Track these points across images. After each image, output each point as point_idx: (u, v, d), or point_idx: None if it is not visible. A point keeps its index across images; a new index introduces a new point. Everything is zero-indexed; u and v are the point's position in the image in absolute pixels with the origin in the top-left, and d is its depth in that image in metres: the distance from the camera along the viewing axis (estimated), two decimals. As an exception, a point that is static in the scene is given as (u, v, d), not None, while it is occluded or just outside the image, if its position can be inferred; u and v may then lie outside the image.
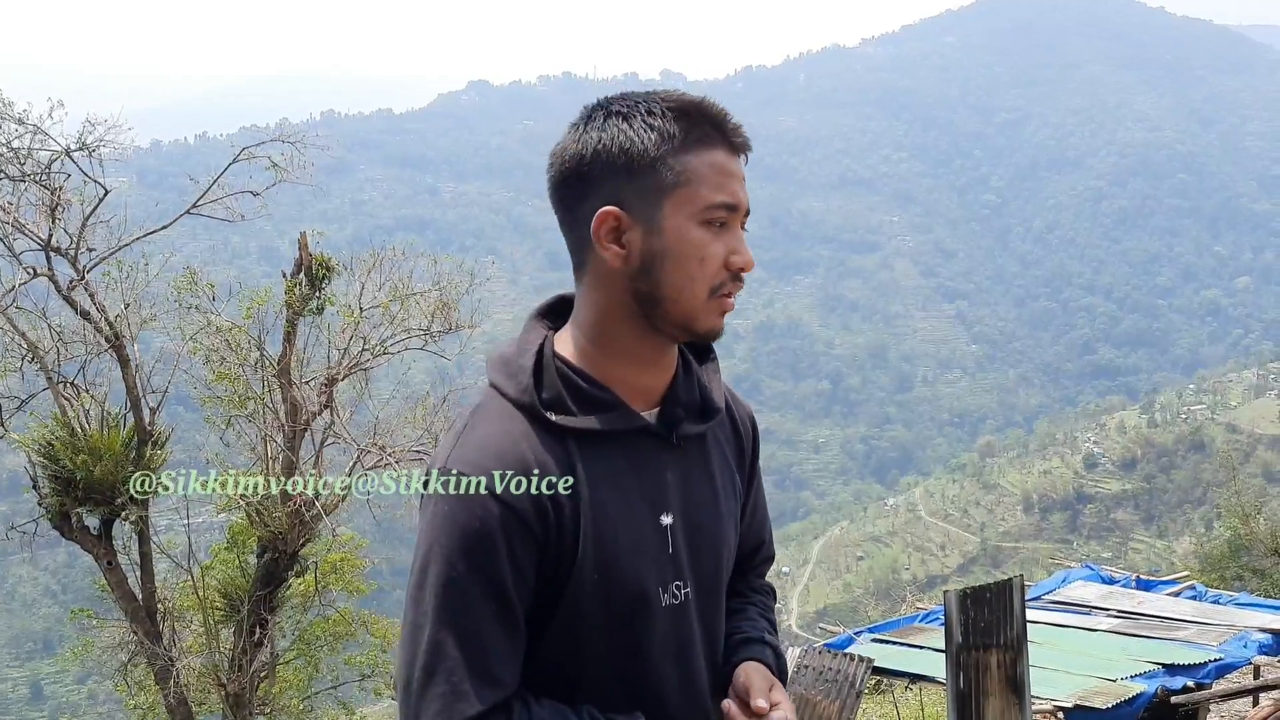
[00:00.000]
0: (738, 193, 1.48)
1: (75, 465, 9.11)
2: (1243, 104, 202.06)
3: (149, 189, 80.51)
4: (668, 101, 1.48)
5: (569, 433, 1.49)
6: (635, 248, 1.46)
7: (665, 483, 1.55)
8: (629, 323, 1.50)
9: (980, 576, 46.78)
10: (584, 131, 1.48)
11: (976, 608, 5.53)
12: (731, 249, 1.48)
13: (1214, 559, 18.42)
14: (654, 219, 1.45)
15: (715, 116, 1.49)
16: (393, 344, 10.72)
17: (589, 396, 1.51)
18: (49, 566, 51.36)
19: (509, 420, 1.49)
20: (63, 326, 9.82)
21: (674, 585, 1.55)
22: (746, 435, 1.73)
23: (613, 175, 1.46)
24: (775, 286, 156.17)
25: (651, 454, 1.55)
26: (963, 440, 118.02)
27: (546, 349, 1.54)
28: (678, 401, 1.57)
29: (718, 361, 1.71)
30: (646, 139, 1.45)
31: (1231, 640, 7.30)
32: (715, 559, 1.62)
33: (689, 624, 1.58)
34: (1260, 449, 73.51)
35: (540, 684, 1.48)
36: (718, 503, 1.62)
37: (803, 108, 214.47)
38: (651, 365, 1.55)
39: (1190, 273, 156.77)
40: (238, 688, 10.11)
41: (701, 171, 1.45)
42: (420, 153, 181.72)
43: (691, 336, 1.51)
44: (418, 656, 1.40)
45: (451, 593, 1.40)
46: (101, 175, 9.87)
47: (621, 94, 1.52)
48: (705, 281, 1.46)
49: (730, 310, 1.51)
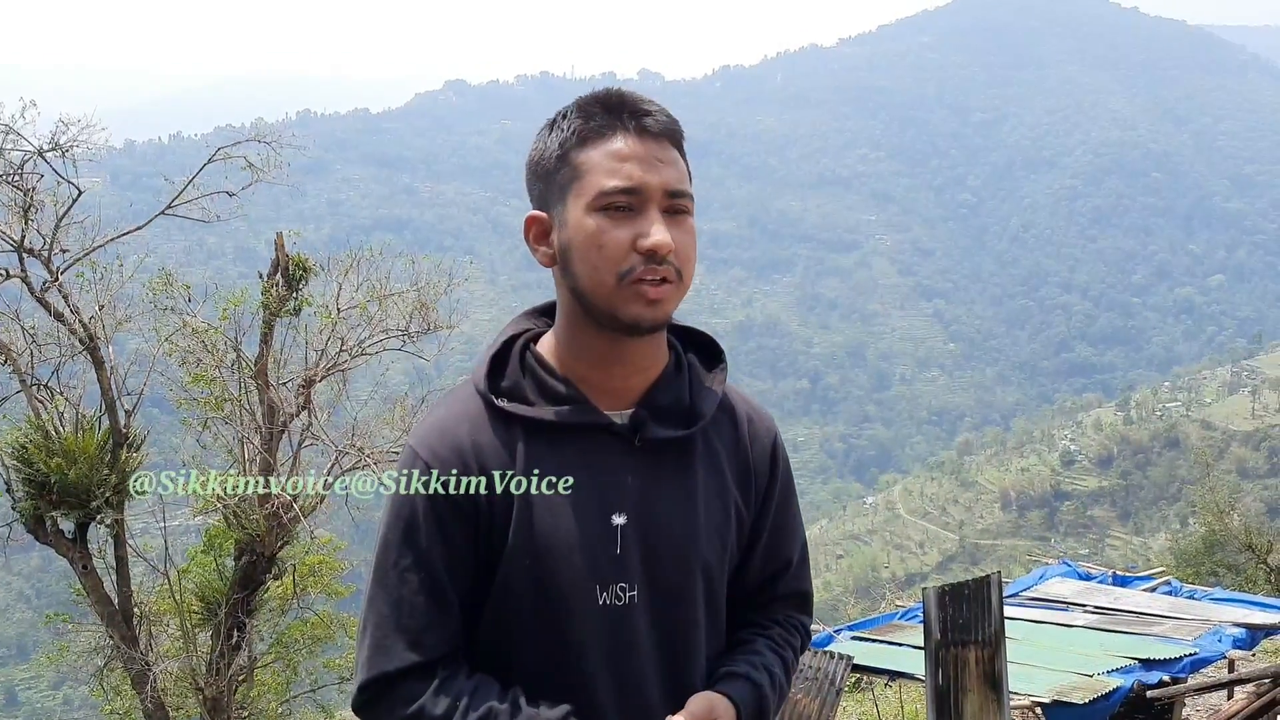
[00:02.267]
0: (636, 174, 1.44)
1: (50, 468, 9.02)
2: (1215, 104, 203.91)
3: (123, 189, 79.88)
4: (580, 101, 1.51)
5: (517, 421, 1.52)
6: (555, 246, 1.51)
7: (623, 483, 1.53)
8: (581, 321, 1.53)
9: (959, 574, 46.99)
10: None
11: (955, 605, 5.56)
12: (639, 232, 1.44)
13: (1189, 555, 18.58)
14: (562, 215, 1.50)
15: (614, 106, 1.48)
16: (371, 345, 10.67)
17: (549, 389, 1.53)
18: (23, 571, 50.81)
19: (466, 404, 1.55)
20: (36, 328, 9.73)
21: (617, 586, 1.52)
22: (757, 454, 1.66)
23: (535, 181, 1.54)
24: (754, 285, 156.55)
25: (611, 453, 1.53)
26: (941, 438, 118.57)
27: (520, 340, 1.59)
28: (652, 404, 1.55)
29: (725, 371, 1.66)
30: (552, 142, 1.51)
31: (1206, 635, 7.36)
32: (681, 568, 1.56)
33: (633, 628, 1.53)
34: (1234, 445, 74.28)
35: (481, 663, 1.53)
36: (693, 512, 1.57)
37: (780, 107, 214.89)
38: (617, 363, 1.54)
39: (1164, 271, 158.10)
40: (215, 691, 10.03)
41: (595, 161, 1.46)
42: (397, 153, 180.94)
43: (621, 328, 1.49)
44: (362, 613, 1.52)
45: (385, 561, 1.51)
46: (75, 176, 9.79)
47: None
48: (608, 268, 1.45)
49: (655, 297, 1.45)
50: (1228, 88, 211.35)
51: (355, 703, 1.53)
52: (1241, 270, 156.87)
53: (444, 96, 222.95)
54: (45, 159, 9.65)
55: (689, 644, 1.59)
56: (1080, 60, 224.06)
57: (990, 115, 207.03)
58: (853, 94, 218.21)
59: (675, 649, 1.58)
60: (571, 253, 1.48)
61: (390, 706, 1.48)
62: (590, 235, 1.45)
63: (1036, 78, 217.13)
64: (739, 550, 1.66)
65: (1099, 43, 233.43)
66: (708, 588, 1.60)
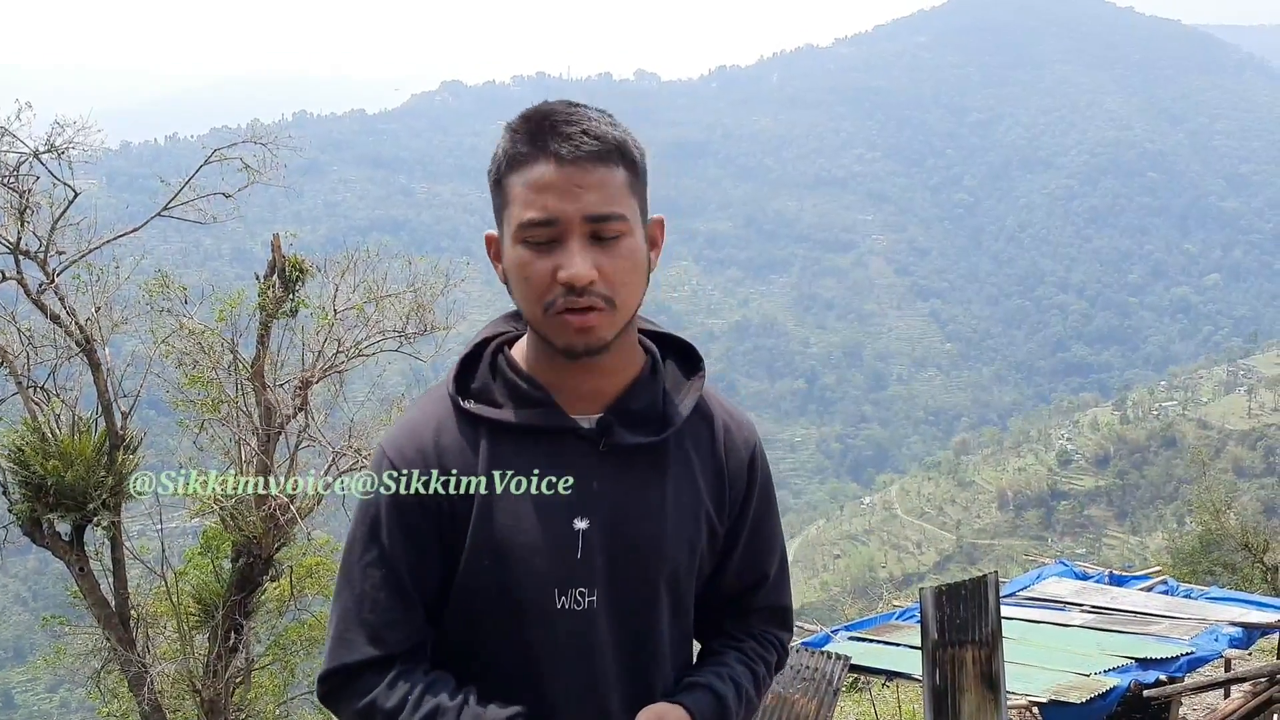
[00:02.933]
0: (552, 205, 1.41)
1: (46, 471, 9.01)
2: (1211, 103, 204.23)
3: (119, 191, 79.71)
4: (512, 122, 1.49)
5: (484, 423, 1.53)
6: (503, 266, 1.52)
7: (588, 488, 1.52)
8: (537, 334, 1.54)
9: (956, 574, 47.01)
10: None
11: (952, 605, 5.57)
12: (558, 263, 1.41)
13: (1186, 554, 18.59)
14: (501, 240, 1.51)
15: (537, 130, 1.44)
16: (367, 346, 10.66)
17: (518, 391, 1.54)
18: (19, 573, 50.72)
19: (435, 406, 1.57)
20: (32, 330, 9.71)
21: (577, 591, 1.51)
22: (733, 464, 1.64)
23: (491, 194, 1.53)
24: (750, 286, 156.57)
25: (579, 457, 1.52)
26: (938, 438, 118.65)
27: (494, 344, 1.60)
28: (622, 409, 1.54)
29: (703, 379, 1.64)
30: (493, 163, 1.50)
31: (1203, 634, 7.38)
32: (645, 575, 1.55)
33: (593, 633, 1.52)
34: (1231, 444, 74.41)
35: (445, 660, 1.55)
36: (660, 520, 1.55)
37: (777, 107, 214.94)
38: (581, 371, 1.52)
39: (1160, 270, 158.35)
40: (213, 694, 10.02)
41: (516, 191, 1.44)
42: (394, 153, 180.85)
43: (557, 352, 1.48)
44: (331, 605, 1.56)
45: (350, 557, 1.54)
46: (70, 177, 9.77)
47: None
48: (534, 299, 1.44)
49: (581, 326, 1.43)
50: (1223, 87, 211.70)
51: (318, 692, 1.57)
52: (1237, 269, 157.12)
53: (440, 97, 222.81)
54: (41, 161, 9.64)
55: (651, 651, 1.58)
56: (1076, 60, 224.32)
57: (986, 115, 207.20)
58: (849, 94, 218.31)
59: (636, 655, 1.57)
60: (509, 279, 1.49)
61: (348, 697, 1.51)
62: (517, 267, 1.45)
63: (1032, 77, 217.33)
64: (712, 560, 1.64)
65: (1095, 42, 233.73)
66: (672, 596, 1.59)
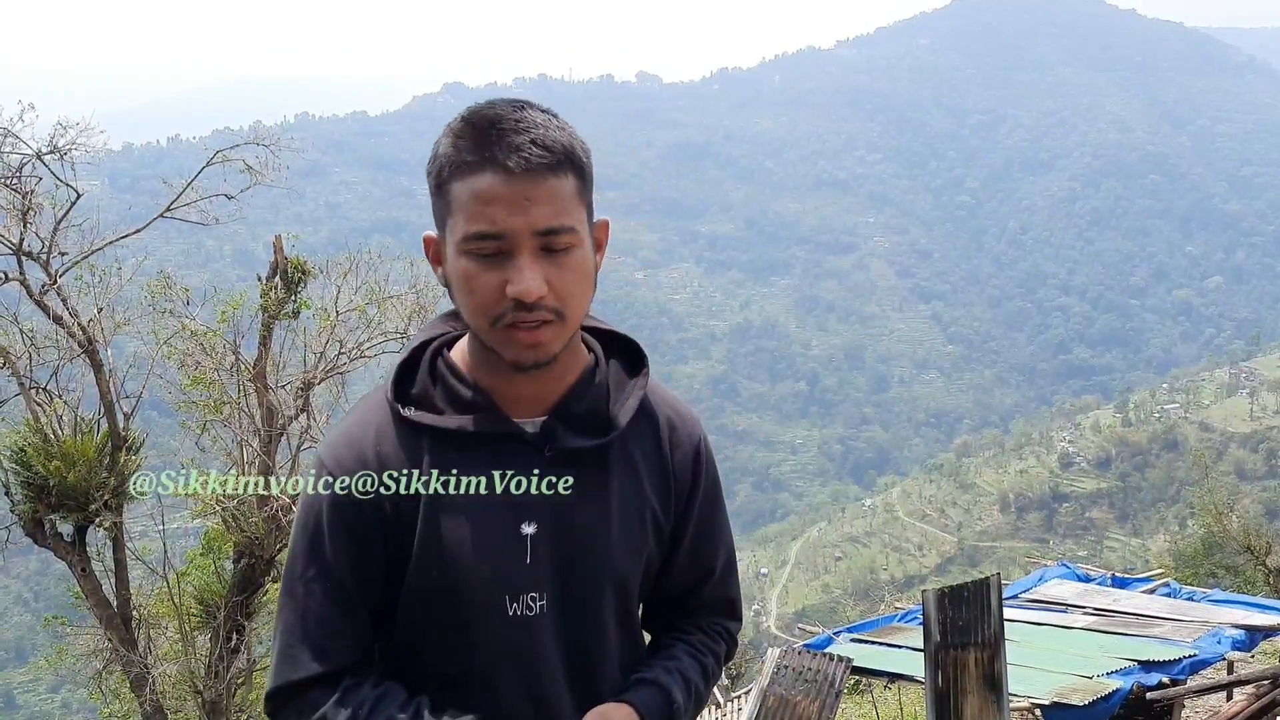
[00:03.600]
0: (500, 219, 1.34)
1: (48, 471, 9.02)
2: (1213, 105, 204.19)
3: (121, 192, 79.84)
4: (456, 124, 1.41)
5: (425, 430, 1.49)
6: (443, 274, 1.46)
7: (534, 492, 1.49)
8: (479, 340, 1.49)
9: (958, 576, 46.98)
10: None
11: (954, 607, 5.56)
12: (506, 277, 1.36)
13: (1188, 556, 18.59)
14: (443, 246, 1.44)
15: (483, 138, 1.37)
16: (369, 347, 10.68)
17: (458, 396, 1.50)
18: (21, 574, 50.75)
19: (374, 413, 1.52)
20: (35, 331, 9.73)
21: (527, 596, 1.49)
22: (678, 460, 1.61)
23: (431, 195, 1.44)
24: (751, 288, 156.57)
25: (523, 462, 1.49)
26: (939, 440, 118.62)
27: (432, 347, 1.55)
28: (565, 412, 1.51)
29: (647, 377, 1.60)
30: (433, 165, 1.42)
31: (1205, 636, 7.37)
32: (592, 578, 1.53)
33: (542, 638, 1.51)
34: (1233, 447, 74.32)
35: (394, 670, 1.53)
36: (606, 522, 1.53)
37: (778, 109, 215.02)
38: (524, 375, 1.47)
39: (1163, 273, 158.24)
40: (214, 695, 10.02)
41: (462, 200, 1.37)
42: (395, 155, 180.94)
43: (505, 364, 1.43)
44: (275, 621, 1.53)
45: (292, 571, 1.50)
46: (73, 178, 9.79)
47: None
48: (481, 312, 1.39)
49: (530, 342, 1.39)
50: (1225, 89, 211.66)
51: (266, 709, 1.53)
52: (1239, 272, 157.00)
53: (442, 99, 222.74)
54: (44, 162, 9.65)
55: (598, 655, 1.56)
56: (1078, 62, 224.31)
57: (988, 117, 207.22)
58: (850, 96, 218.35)
59: (584, 660, 1.55)
60: (451, 287, 1.43)
61: (296, 714, 1.48)
62: (462, 278, 1.39)
63: (1034, 80, 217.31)
64: (659, 557, 1.62)
65: (1096, 44, 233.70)
66: (619, 599, 1.57)
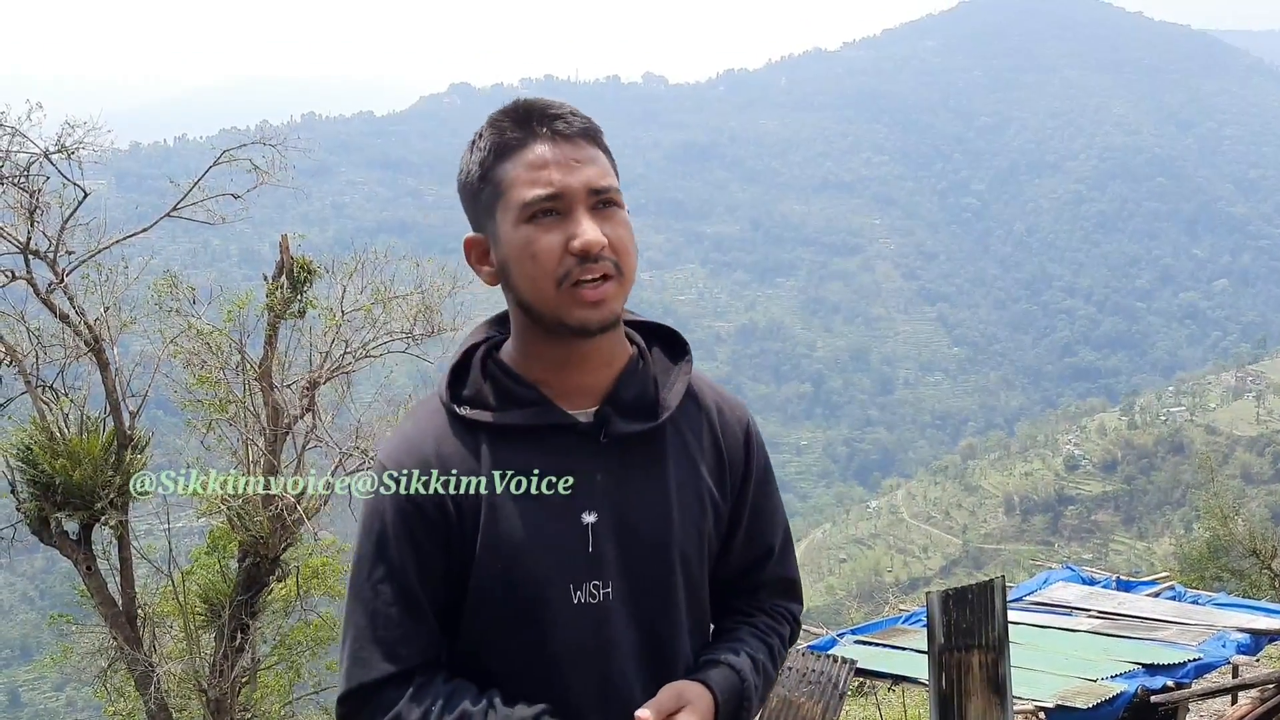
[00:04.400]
0: (556, 179, 1.45)
1: (54, 470, 9.04)
2: (1219, 108, 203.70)
3: (128, 191, 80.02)
4: (491, 118, 1.53)
5: (481, 428, 1.53)
6: (495, 263, 1.53)
7: (591, 481, 1.53)
8: (532, 330, 1.54)
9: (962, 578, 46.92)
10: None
11: (958, 609, 5.56)
12: (569, 234, 1.45)
13: (1193, 560, 18.54)
14: (494, 233, 1.52)
15: (523, 116, 1.50)
16: (375, 347, 10.69)
17: (511, 393, 1.54)
18: (27, 572, 50.85)
19: (431, 416, 1.57)
20: (41, 330, 9.75)
21: (591, 584, 1.52)
22: (730, 441, 1.66)
23: (466, 204, 1.57)
24: (757, 289, 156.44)
25: (578, 452, 1.53)
26: (944, 442, 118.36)
27: (482, 349, 1.61)
28: (616, 400, 1.55)
29: (690, 363, 1.66)
30: (472, 164, 1.54)
31: (1210, 640, 7.36)
32: (659, 562, 1.56)
33: (611, 626, 1.53)
34: (1239, 450, 74.12)
35: (460, 670, 1.55)
36: (666, 505, 1.56)
37: (784, 111, 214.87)
38: (577, 365, 1.54)
39: (1169, 275, 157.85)
40: (219, 693, 10.04)
41: (513, 175, 1.48)
42: (402, 155, 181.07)
43: (571, 332, 1.49)
44: (342, 626, 1.55)
45: (359, 575, 1.53)
46: (80, 178, 9.82)
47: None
48: (546, 276, 1.46)
49: (595, 299, 1.45)
50: (1232, 92, 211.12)
51: (338, 714, 1.55)
52: (1246, 275, 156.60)
53: (448, 99, 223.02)
54: (51, 161, 9.68)
55: (670, 639, 1.58)
56: (1084, 64, 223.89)
57: (994, 119, 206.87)
58: (856, 98, 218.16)
59: (656, 645, 1.57)
60: (510, 267, 1.50)
61: (370, 716, 1.50)
62: (522, 247, 1.46)
63: (1040, 82, 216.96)
64: (718, 539, 1.65)
65: (1103, 47, 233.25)
66: (687, 580, 1.60)
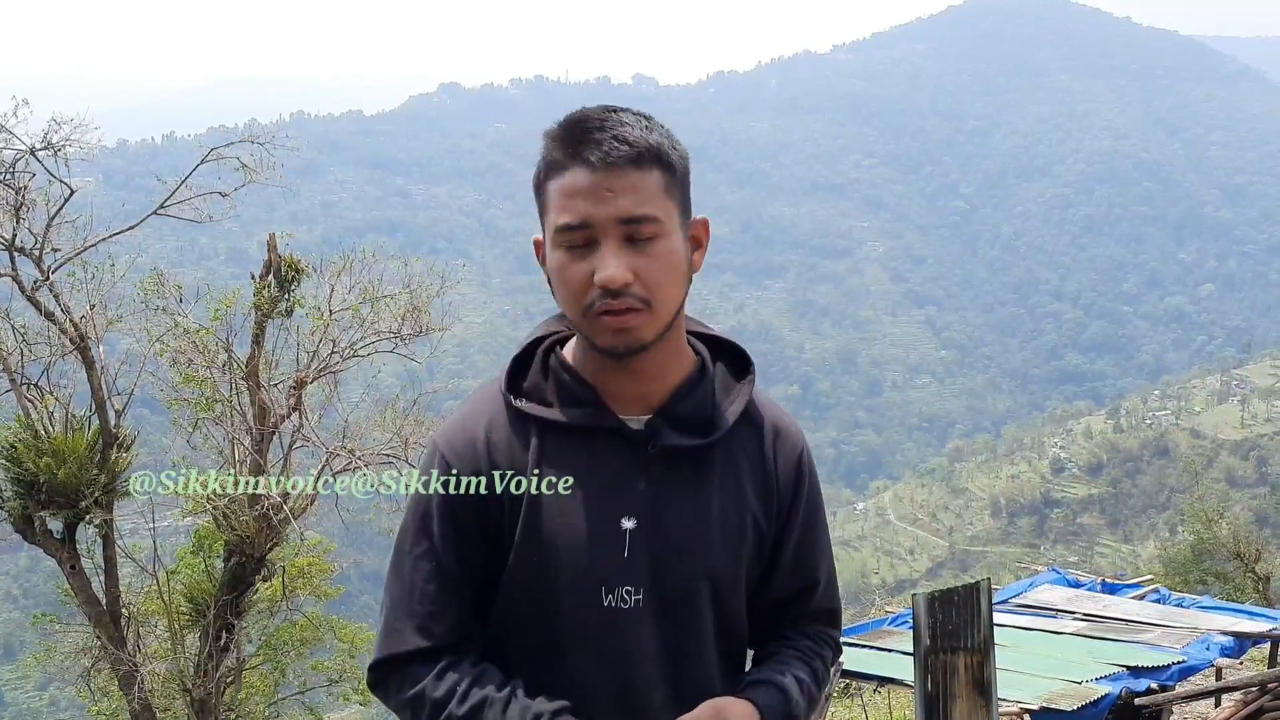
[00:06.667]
0: (583, 210, 1.45)
1: (39, 468, 8.99)
2: (1207, 113, 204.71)
3: (115, 189, 79.60)
4: (550, 129, 1.52)
5: (534, 421, 1.55)
6: (547, 269, 1.55)
7: (634, 488, 1.54)
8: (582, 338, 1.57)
9: (949, 580, 47.02)
10: None
11: (944, 611, 5.56)
12: (594, 266, 1.45)
13: (1178, 563, 18.61)
14: (545, 244, 1.54)
15: (571, 136, 1.48)
16: (362, 347, 10.66)
17: (570, 391, 1.56)
18: (10, 571, 50.58)
19: (487, 403, 1.60)
20: (26, 327, 9.70)
21: (623, 589, 1.52)
22: (781, 467, 1.66)
23: (536, 199, 1.56)
24: (746, 291, 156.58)
25: (626, 458, 1.54)
26: (932, 445, 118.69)
27: (545, 344, 1.63)
28: (670, 412, 1.56)
29: (752, 383, 1.66)
30: (538, 169, 1.54)
31: (1194, 643, 7.39)
32: (688, 576, 1.56)
33: (636, 632, 1.53)
34: (1223, 454, 74.48)
35: (490, 656, 1.57)
36: (705, 522, 1.56)
37: (774, 113, 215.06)
38: (626, 372, 1.54)
39: (1155, 280, 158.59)
40: (203, 693, 10.00)
41: (553, 198, 1.49)
42: (391, 155, 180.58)
43: (600, 352, 1.51)
44: (381, 595, 1.59)
45: (401, 547, 1.58)
46: (67, 175, 9.78)
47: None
48: (573, 301, 1.48)
49: (618, 328, 1.46)
50: (1219, 98, 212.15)
51: (369, 680, 1.59)
52: (1232, 280, 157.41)
53: (438, 99, 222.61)
54: (37, 158, 9.63)
55: (694, 656, 1.58)
56: (1073, 69, 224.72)
57: (983, 123, 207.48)
58: (847, 101, 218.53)
59: (679, 656, 1.57)
60: (551, 281, 1.52)
61: (398, 686, 1.54)
62: (557, 270, 1.49)
63: (1029, 86, 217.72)
64: (760, 565, 1.64)
65: (1091, 51, 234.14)
66: (716, 601, 1.59)
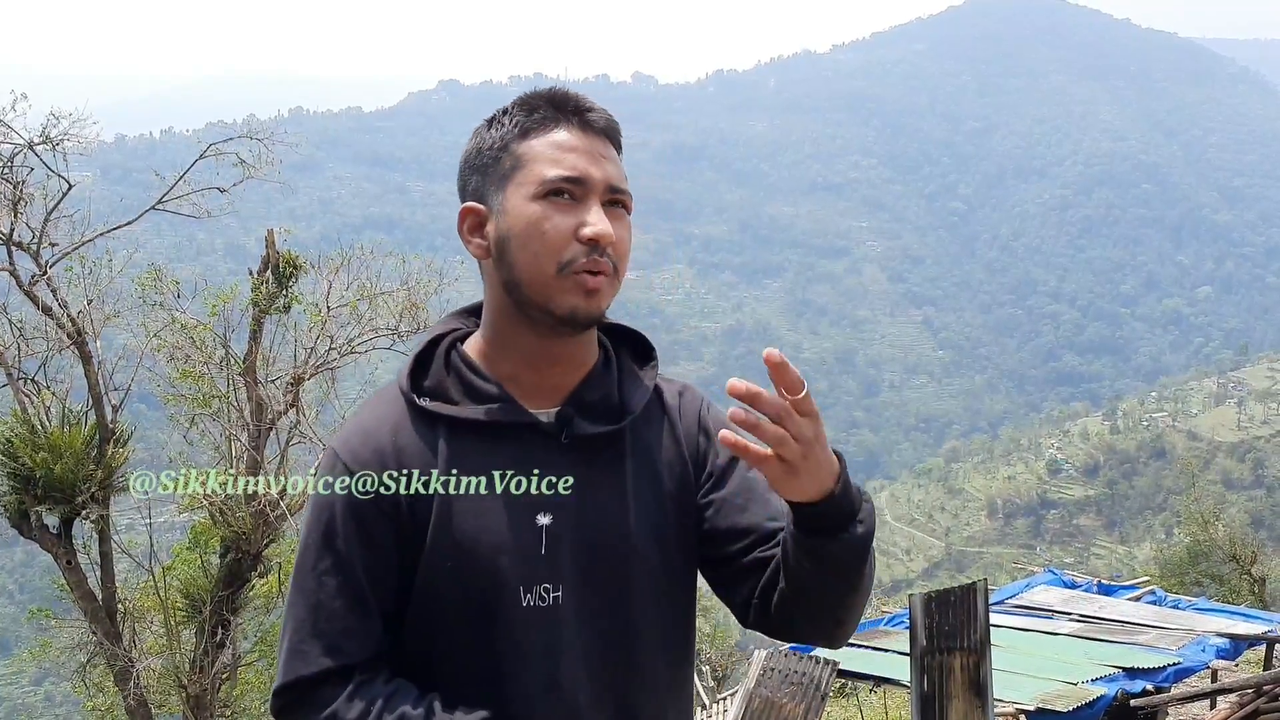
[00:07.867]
0: (580, 166, 1.44)
1: (35, 463, 8.98)
2: (1205, 116, 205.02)
3: (113, 184, 79.65)
4: (522, 97, 1.51)
5: (441, 421, 1.49)
6: (491, 236, 1.49)
7: (549, 482, 1.48)
8: (512, 318, 1.50)
9: (945, 581, 47.04)
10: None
11: (941, 611, 5.57)
12: (581, 221, 1.42)
13: (1174, 564, 18.65)
14: (501, 205, 1.47)
15: (558, 101, 1.49)
16: (360, 343, 10.65)
17: (474, 387, 1.51)
18: (6, 565, 50.56)
19: (388, 405, 1.53)
20: (24, 322, 9.70)
21: (541, 587, 1.46)
22: (687, 424, 1.60)
23: (471, 174, 1.52)
24: (744, 290, 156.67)
25: (538, 452, 1.49)
26: (928, 445, 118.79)
27: (445, 342, 1.58)
28: (579, 401, 1.52)
29: (656, 367, 1.62)
30: (494, 135, 1.50)
31: (1190, 645, 7.40)
32: (614, 566, 1.50)
33: (560, 630, 1.47)
34: (1220, 456, 74.60)
35: (405, 669, 1.49)
36: (624, 509, 1.51)
37: (773, 113, 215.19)
38: (548, 363, 1.50)
39: (1153, 282, 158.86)
40: (199, 689, 10.00)
41: (538, 150, 1.46)
42: (390, 151, 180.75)
43: (555, 320, 1.45)
44: (283, 617, 1.49)
45: (304, 564, 1.47)
46: (65, 170, 9.77)
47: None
48: (550, 256, 1.42)
49: (596, 289, 1.43)
50: (1217, 100, 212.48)
51: (273, 708, 1.48)
52: (1229, 282, 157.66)
53: (437, 96, 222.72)
54: (35, 152, 9.62)
55: (626, 644, 1.52)
56: (1072, 71, 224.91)
57: (982, 124, 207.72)
58: (846, 101, 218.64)
59: (607, 651, 1.51)
60: (510, 241, 1.45)
61: (306, 712, 1.44)
62: (532, 222, 1.43)
63: (1028, 87, 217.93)
64: (695, 533, 1.57)
65: (1091, 53, 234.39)
66: (648, 584, 1.53)
